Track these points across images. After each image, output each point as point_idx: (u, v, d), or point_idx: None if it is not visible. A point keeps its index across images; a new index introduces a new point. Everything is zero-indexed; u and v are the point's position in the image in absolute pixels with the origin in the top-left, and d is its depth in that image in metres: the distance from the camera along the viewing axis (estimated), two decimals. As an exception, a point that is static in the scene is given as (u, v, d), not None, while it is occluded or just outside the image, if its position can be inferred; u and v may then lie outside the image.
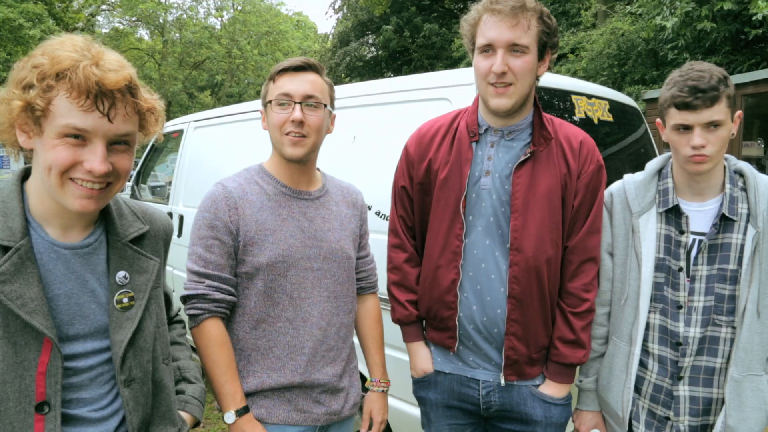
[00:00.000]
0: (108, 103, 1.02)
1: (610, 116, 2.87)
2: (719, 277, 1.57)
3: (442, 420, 1.79)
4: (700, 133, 1.50)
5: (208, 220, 1.54)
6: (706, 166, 1.53)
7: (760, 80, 6.85)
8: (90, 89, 0.99)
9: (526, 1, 1.49)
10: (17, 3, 18.28)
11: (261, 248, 1.54)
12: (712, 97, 1.47)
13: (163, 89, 27.05)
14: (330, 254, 1.64)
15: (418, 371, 1.79)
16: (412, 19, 18.52)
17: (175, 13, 28.84)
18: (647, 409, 1.69)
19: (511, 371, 1.65)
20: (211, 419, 3.82)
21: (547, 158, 1.61)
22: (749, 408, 1.55)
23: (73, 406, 1.09)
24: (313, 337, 1.59)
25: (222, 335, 1.53)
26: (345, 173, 2.05)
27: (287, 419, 1.57)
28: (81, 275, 1.11)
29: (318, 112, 1.58)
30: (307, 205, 1.65)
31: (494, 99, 1.56)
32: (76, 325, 1.09)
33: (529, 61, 1.52)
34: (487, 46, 1.52)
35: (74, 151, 1.02)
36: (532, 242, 1.59)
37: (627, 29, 9.85)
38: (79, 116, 1.00)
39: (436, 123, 1.78)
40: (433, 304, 1.72)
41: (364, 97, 2.83)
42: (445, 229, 1.67)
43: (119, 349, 1.13)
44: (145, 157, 5.31)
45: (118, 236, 1.18)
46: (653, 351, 1.67)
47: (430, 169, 1.72)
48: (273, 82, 1.61)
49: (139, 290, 1.19)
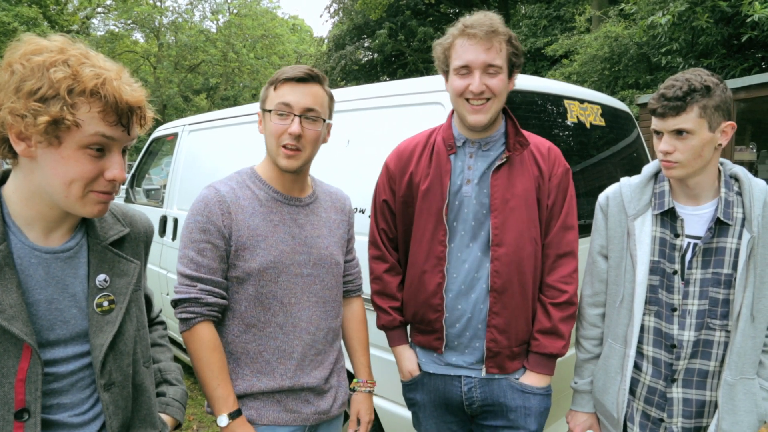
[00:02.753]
0: (128, 118, 1.06)
1: (602, 121, 2.89)
2: (713, 281, 1.58)
3: (430, 419, 1.87)
4: (667, 139, 1.55)
5: (201, 223, 1.54)
6: (675, 172, 1.56)
7: (752, 85, 6.91)
8: (120, 108, 1.03)
9: (498, 27, 1.63)
10: (11, 6, 18.21)
11: (253, 254, 1.55)
12: (676, 106, 1.50)
13: (159, 92, 27.03)
14: (319, 260, 1.65)
15: (405, 374, 1.87)
16: (408, 23, 18.58)
17: (170, 17, 28.84)
18: (641, 411, 1.70)
19: (492, 363, 1.72)
20: (205, 422, 3.80)
21: (521, 163, 1.73)
22: (742, 411, 1.56)
23: (54, 412, 1.08)
24: (302, 342, 1.60)
25: (214, 339, 1.53)
26: (339, 177, 2.06)
27: (277, 420, 1.58)
28: (61, 279, 1.09)
29: (316, 126, 1.59)
30: (297, 212, 1.66)
31: (472, 116, 1.67)
32: (57, 330, 1.07)
33: (503, 80, 1.66)
34: (464, 67, 1.64)
35: (96, 162, 1.04)
36: (512, 238, 1.69)
37: (620, 33, 9.90)
38: (105, 128, 1.03)
39: (413, 140, 1.89)
40: (420, 308, 1.79)
41: (359, 101, 2.83)
42: (429, 237, 1.76)
43: (99, 353, 1.12)
44: (140, 161, 5.30)
45: (98, 239, 1.16)
46: (647, 353, 1.67)
47: (411, 182, 1.81)
48: (274, 89, 1.59)
49: (119, 293, 1.17)
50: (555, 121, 2.59)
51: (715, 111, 1.51)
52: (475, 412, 1.79)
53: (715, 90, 1.50)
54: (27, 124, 0.97)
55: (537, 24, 14.46)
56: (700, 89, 1.49)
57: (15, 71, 0.99)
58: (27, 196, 1.06)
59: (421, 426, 1.91)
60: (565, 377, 2.48)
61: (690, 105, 1.49)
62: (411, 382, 1.86)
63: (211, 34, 29.12)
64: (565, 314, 1.73)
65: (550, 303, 1.73)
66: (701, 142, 1.52)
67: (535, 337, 1.74)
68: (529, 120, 2.41)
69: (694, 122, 1.50)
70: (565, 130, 2.65)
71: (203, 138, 4.20)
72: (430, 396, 1.83)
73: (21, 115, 0.97)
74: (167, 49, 28.47)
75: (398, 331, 1.89)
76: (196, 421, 3.84)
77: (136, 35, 30.06)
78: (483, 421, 1.80)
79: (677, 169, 1.56)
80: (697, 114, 1.50)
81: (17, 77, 0.99)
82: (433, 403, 1.83)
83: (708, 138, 1.52)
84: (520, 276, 1.69)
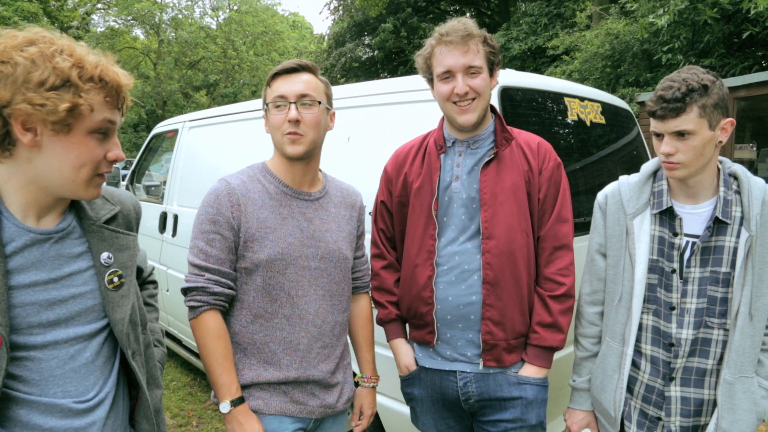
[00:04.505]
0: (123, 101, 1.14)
1: (602, 118, 2.89)
2: (712, 280, 1.59)
3: (428, 414, 1.90)
4: (668, 141, 1.54)
5: (211, 215, 1.59)
6: (678, 173, 1.56)
7: (752, 83, 6.90)
8: (120, 92, 1.11)
9: (472, 30, 1.71)
10: (12, 1, 18.20)
11: (261, 245, 1.59)
12: (675, 108, 1.49)
13: (159, 88, 27.00)
14: (327, 254, 1.68)
15: (402, 368, 1.91)
16: (408, 20, 18.55)
17: (170, 13, 28.77)
18: (639, 410, 1.70)
19: (489, 356, 1.75)
20: (204, 419, 3.81)
21: (509, 158, 1.78)
22: (741, 410, 1.57)
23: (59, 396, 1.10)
24: (308, 334, 1.63)
25: (219, 327, 1.57)
26: (340, 173, 2.06)
27: (284, 410, 1.61)
28: (57, 259, 1.13)
29: (313, 110, 1.62)
30: (306, 206, 1.69)
31: (461, 116, 1.74)
32: (57, 310, 1.10)
33: (485, 79, 1.73)
34: (447, 72, 1.72)
35: (102, 145, 1.12)
36: (502, 230, 1.72)
37: (621, 30, 9.89)
38: (109, 113, 1.11)
39: (409, 144, 1.98)
40: (413, 302, 1.84)
41: (360, 98, 2.84)
42: (421, 232, 1.83)
43: (123, 327, 1.19)
44: (140, 157, 5.30)
45: (90, 220, 1.20)
46: (646, 352, 1.68)
47: (406, 182, 1.90)
48: (269, 86, 1.66)
49: (125, 267, 1.23)
50: (555, 119, 2.59)
51: (714, 109, 1.50)
52: (473, 408, 1.81)
53: (712, 88, 1.50)
54: (48, 112, 1.02)
55: (537, 22, 14.44)
56: (698, 88, 1.49)
57: (18, 63, 1.01)
58: (22, 184, 1.09)
59: (419, 421, 1.94)
60: (563, 375, 2.49)
61: (689, 105, 1.49)
62: (408, 377, 1.90)
63: (211, 31, 29.03)
64: (564, 306, 1.76)
65: (549, 296, 1.76)
66: (702, 141, 1.52)
67: (535, 330, 1.76)
68: (529, 118, 2.41)
69: (695, 122, 1.50)
70: (565, 128, 2.65)
71: (204, 134, 4.20)
72: (427, 391, 1.86)
73: (40, 105, 1.01)
74: (167, 45, 28.42)
75: (395, 324, 1.94)
76: (196, 417, 3.85)
77: (136, 31, 30.01)
78: (482, 417, 1.81)
79: (680, 170, 1.55)
80: (697, 114, 1.49)
81: (22, 69, 1.00)
82: (430, 398, 1.87)
83: (709, 137, 1.52)
84: (513, 268, 1.72)
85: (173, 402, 4.10)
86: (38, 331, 1.08)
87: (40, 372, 1.09)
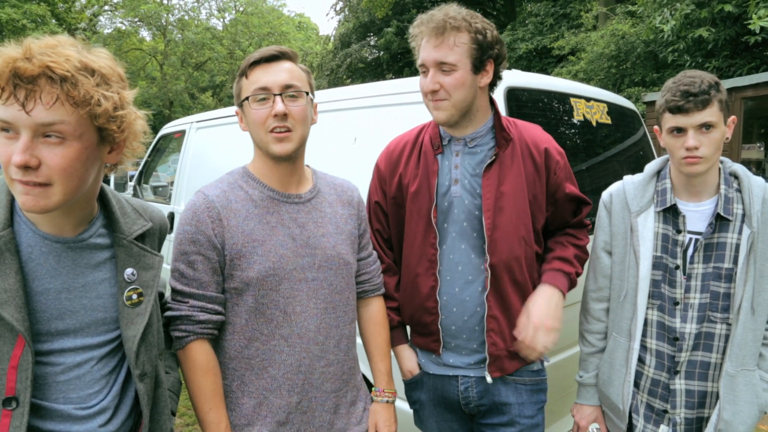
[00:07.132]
0: (24, 93, 0.95)
1: (608, 119, 2.91)
2: (714, 275, 1.61)
3: (431, 418, 1.86)
4: (693, 135, 1.55)
5: (190, 234, 1.41)
6: (700, 167, 1.57)
7: (759, 83, 6.87)
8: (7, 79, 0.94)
9: (450, 21, 1.53)
10: (21, 3, 18.34)
11: (249, 262, 1.41)
12: (703, 100, 1.52)
13: (165, 89, 27.16)
14: (326, 262, 1.50)
15: (405, 373, 1.86)
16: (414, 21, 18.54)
17: (177, 14, 28.93)
18: (645, 403, 1.73)
19: (494, 368, 1.70)
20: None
21: (511, 159, 1.67)
22: (743, 402, 1.59)
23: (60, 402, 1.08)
24: (310, 354, 1.46)
25: (207, 360, 1.41)
26: (346, 174, 2.07)
27: None
28: (73, 269, 1.10)
29: (300, 102, 1.45)
30: (297, 210, 1.51)
31: (433, 112, 1.64)
32: (66, 320, 1.08)
33: (458, 78, 1.56)
34: (422, 65, 1.60)
35: (10, 145, 0.98)
36: (505, 239, 1.65)
37: (627, 31, 9.87)
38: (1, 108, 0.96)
39: (403, 139, 1.86)
40: (415, 311, 1.78)
41: (366, 99, 2.86)
42: (420, 240, 1.73)
43: (133, 345, 1.14)
44: (147, 158, 5.34)
45: (123, 234, 1.18)
46: (651, 346, 1.70)
47: (401, 184, 1.78)
48: (245, 77, 1.46)
49: (147, 286, 1.20)
50: (561, 120, 2.61)
51: (725, 106, 1.56)
52: (473, 412, 1.79)
53: (720, 86, 1.56)
54: None
55: (543, 22, 14.42)
56: (714, 84, 1.54)
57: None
58: None
59: (423, 424, 1.91)
60: (568, 375, 2.51)
61: (713, 99, 1.53)
62: (411, 381, 1.85)
63: (217, 32, 29.21)
64: (580, 252, 1.78)
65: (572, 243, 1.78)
66: (721, 135, 1.56)
67: (549, 260, 1.75)
68: (535, 118, 2.43)
69: (717, 115, 1.54)
70: (571, 128, 2.67)
71: (211, 135, 4.24)
72: (430, 395, 1.82)
73: None
74: (174, 46, 28.57)
75: (397, 331, 1.86)
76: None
77: (142, 33, 30.22)
78: (481, 419, 1.79)
79: (702, 164, 1.57)
80: (718, 107, 1.54)
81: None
82: (432, 402, 1.83)
83: (724, 131, 1.57)
84: (516, 277, 1.67)
85: (180, 402, 4.11)
86: (45, 339, 1.06)
87: (44, 377, 1.06)
